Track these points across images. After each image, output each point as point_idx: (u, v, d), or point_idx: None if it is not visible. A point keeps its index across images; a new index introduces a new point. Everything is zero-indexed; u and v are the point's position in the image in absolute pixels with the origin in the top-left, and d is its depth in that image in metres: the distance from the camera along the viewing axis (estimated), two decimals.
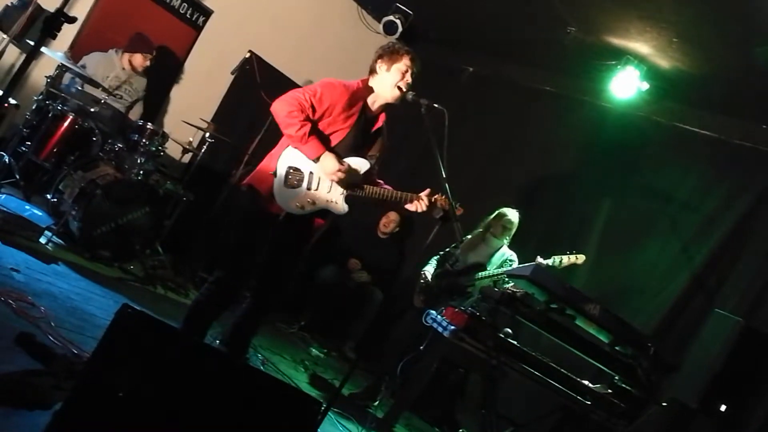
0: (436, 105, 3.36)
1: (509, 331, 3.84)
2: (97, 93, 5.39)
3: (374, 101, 3.56)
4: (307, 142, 3.33)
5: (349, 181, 3.49)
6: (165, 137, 5.35)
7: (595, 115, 6.24)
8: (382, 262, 6.53)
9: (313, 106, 3.36)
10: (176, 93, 6.90)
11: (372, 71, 3.55)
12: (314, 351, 5.80)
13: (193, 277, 5.58)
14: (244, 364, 2.50)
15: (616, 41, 5.47)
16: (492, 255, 5.08)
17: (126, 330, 2.14)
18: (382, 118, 3.65)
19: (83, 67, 5.57)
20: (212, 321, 3.62)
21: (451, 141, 3.22)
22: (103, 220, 4.77)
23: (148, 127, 5.23)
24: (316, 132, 3.39)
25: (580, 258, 4.69)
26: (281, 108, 3.32)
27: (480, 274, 4.93)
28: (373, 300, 6.20)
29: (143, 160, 5.15)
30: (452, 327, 3.66)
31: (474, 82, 7.41)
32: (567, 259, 4.66)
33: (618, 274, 5.53)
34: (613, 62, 5.65)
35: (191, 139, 5.85)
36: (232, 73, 6.10)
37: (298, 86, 7.18)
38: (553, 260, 4.66)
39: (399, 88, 3.47)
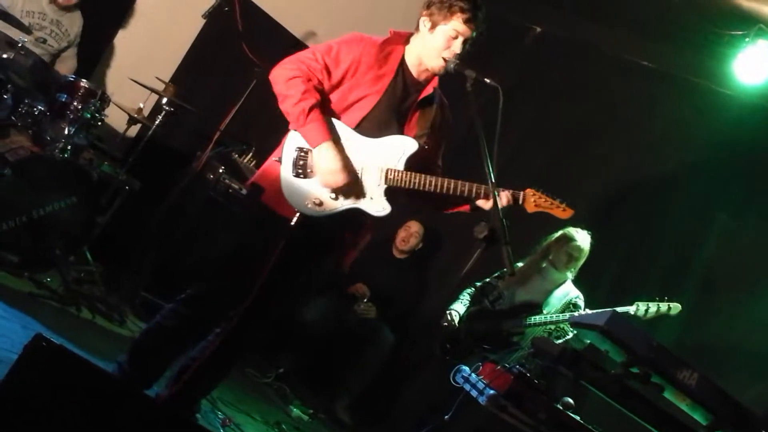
0: (487, 79, 3.38)
1: (570, 401, 3.85)
2: (13, 33, 5.43)
3: (417, 65, 3.58)
4: (307, 121, 3.33)
5: (354, 190, 3.47)
6: (105, 101, 5.39)
7: (710, 105, 6.23)
8: (397, 292, 6.55)
9: (327, 68, 3.39)
10: (123, 40, 6.94)
11: (416, 28, 3.59)
12: (295, 410, 5.82)
13: (133, 297, 5.61)
14: (196, 425, 2.53)
15: (746, 3, 5.48)
16: (550, 293, 5.10)
17: (38, 370, 2.19)
18: (433, 85, 3.64)
19: None
20: (173, 360, 3.66)
21: (505, 129, 3.25)
22: (11, 211, 4.81)
23: (81, 84, 5.28)
24: (323, 108, 3.40)
25: (675, 307, 4.69)
26: (280, 73, 3.37)
27: (533, 318, 4.95)
28: (381, 343, 6.23)
29: (72, 130, 5.20)
30: (491, 391, 3.66)
31: (541, 46, 7.44)
32: (656, 308, 4.66)
33: (725, 329, 5.52)
34: (740, 33, 5.66)
35: (141, 106, 5.90)
36: (204, 17, 6.13)
37: (296, 38, 7.39)
38: (637, 307, 4.66)
39: (443, 58, 3.48)
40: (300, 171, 3.43)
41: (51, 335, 2.24)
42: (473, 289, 5.35)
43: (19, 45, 5.28)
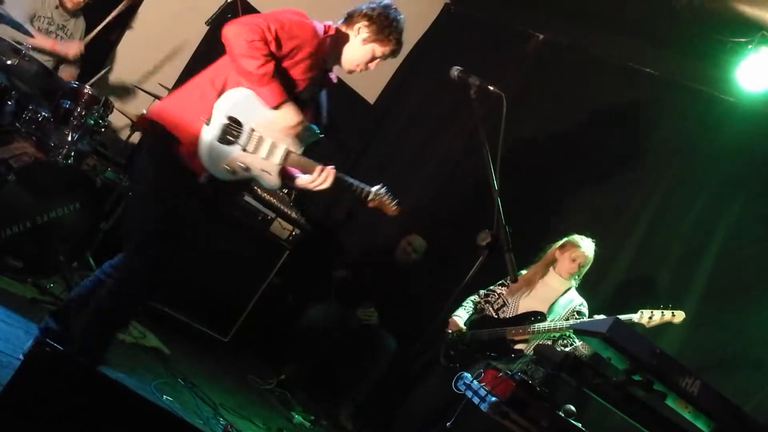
0: (491, 87, 3.41)
1: (572, 408, 3.85)
2: (18, 40, 5.45)
3: (335, 58, 3.88)
4: (269, 82, 3.53)
5: (307, 143, 3.79)
6: (108, 107, 5.42)
7: (712, 112, 6.23)
8: (400, 298, 6.56)
9: (278, 40, 3.55)
10: (126, 46, 6.97)
11: (349, 22, 3.85)
12: (297, 417, 5.83)
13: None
14: (195, 429, 2.53)
15: (749, 10, 5.47)
16: (554, 300, 5.11)
17: (41, 375, 2.20)
18: (332, 78, 3.99)
19: (1, 2, 5.65)
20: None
21: (508, 137, 3.26)
22: (14, 216, 4.82)
23: (85, 91, 5.30)
24: (278, 73, 3.59)
25: (678, 315, 4.68)
26: (240, 33, 3.48)
27: (536, 326, 4.96)
28: (384, 349, 6.24)
29: (76, 136, 5.22)
30: (493, 398, 3.67)
31: (544, 54, 7.45)
32: (659, 316, 4.66)
33: (728, 336, 5.50)
34: (743, 40, 5.66)
35: (145, 112, 5.91)
36: (207, 24, 6.16)
37: None
38: (641, 314, 4.66)
39: (358, 69, 3.88)
40: (224, 138, 3.62)
41: (54, 341, 2.25)
42: (477, 296, 5.36)
43: (23, 52, 5.31)
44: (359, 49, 3.82)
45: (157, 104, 3.88)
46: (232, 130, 3.63)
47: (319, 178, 3.79)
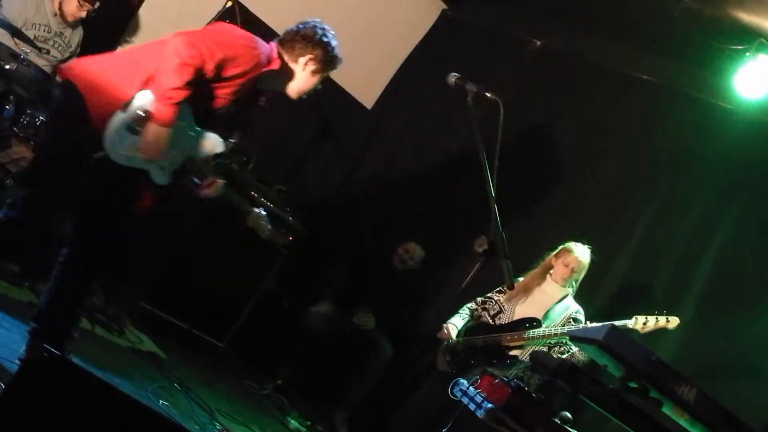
0: (488, 93, 3.43)
1: (568, 415, 3.86)
2: (16, 44, 5.46)
3: (271, 84, 3.99)
4: (169, 106, 3.57)
5: (163, 163, 3.81)
6: None
7: (709, 119, 6.24)
8: (397, 304, 6.57)
9: (220, 66, 3.64)
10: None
11: (291, 53, 3.93)
12: (293, 422, 5.84)
13: (132, 307, 5.64)
14: None
15: (747, 18, 5.49)
16: (550, 307, 5.12)
17: (40, 381, 2.21)
18: (262, 98, 4.10)
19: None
20: None
21: (506, 144, 3.27)
22: None
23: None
24: (198, 94, 3.66)
25: (673, 321, 4.70)
26: (181, 50, 3.54)
27: (532, 332, 4.97)
28: (380, 354, 6.24)
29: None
30: (489, 404, 3.67)
31: (541, 60, 7.47)
32: (654, 321, 4.67)
33: (724, 344, 5.51)
34: (741, 47, 5.67)
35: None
36: None
37: None
38: (635, 321, 4.68)
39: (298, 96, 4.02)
40: (131, 128, 3.64)
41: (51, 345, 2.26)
42: (474, 303, 5.37)
43: (22, 57, 5.32)
44: (309, 80, 3.99)
45: (80, 63, 3.86)
46: (141, 122, 3.64)
47: (206, 189, 3.96)
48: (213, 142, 3.90)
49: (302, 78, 3.96)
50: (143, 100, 3.65)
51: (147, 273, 5.99)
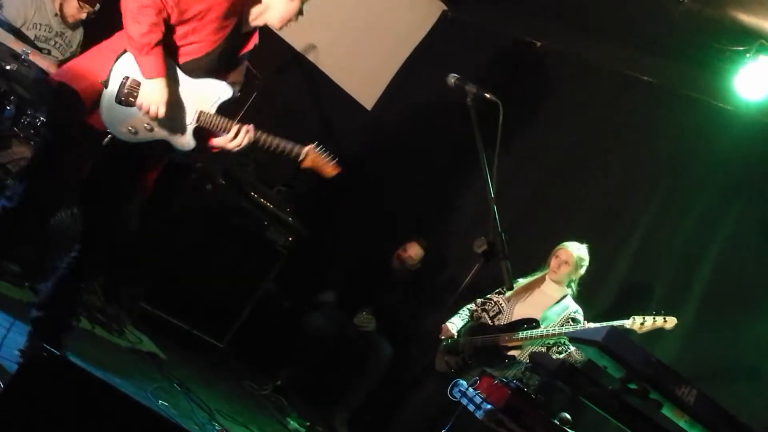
0: (488, 95, 3.43)
1: (567, 416, 3.86)
2: (17, 45, 5.47)
3: (255, 18, 3.80)
4: (148, 54, 3.47)
5: (168, 124, 3.69)
6: None
7: (710, 120, 6.25)
8: (397, 305, 6.57)
9: (179, 5, 3.50)
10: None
11: None
12: (292, 423, 5.84)
13: (132, 307, 5.64)
14: None
15: (747, 19, 5.49)
16: (549, 307, 5.13)
17: (39, 380, 2.21)
18: (254, 39, 3.91)
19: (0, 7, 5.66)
20: None
21: (506, 146, 3.28)
22: None
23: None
24: (165, 43, 3.54)
25: (670, 321, 4.71)
26: None
27: (530, 332, 4.97)
28: (379, 355, 6.25)
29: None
30: (488, 405, 3.68)
31: (542, 61, 7.48)
32: (651, 321, 4.69)
33: (724, 346, 5.52)
34: (741, 48, 5.68)
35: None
36: None
37: (296, 50, 7.43)
38: (633, 321, 4.69)
39: (289, 23, 3.83)
40: (123, 99, 3.58)
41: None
42: (474, 304, 5.38)
43: (22, 57, 5.32)
44: (287, 4, 3.76)
45: (63, 66, 3.83)
46: (131, 91, 3.58)
47: (237, 138, 3.73)
48: (218, 88, 3.76)
49: (281, 2, 3.76)
50: (120, 67, 3.59)
51: (147, 274, 5.99)
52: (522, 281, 5.32)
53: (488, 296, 5.32)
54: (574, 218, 6.39)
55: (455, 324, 5.31)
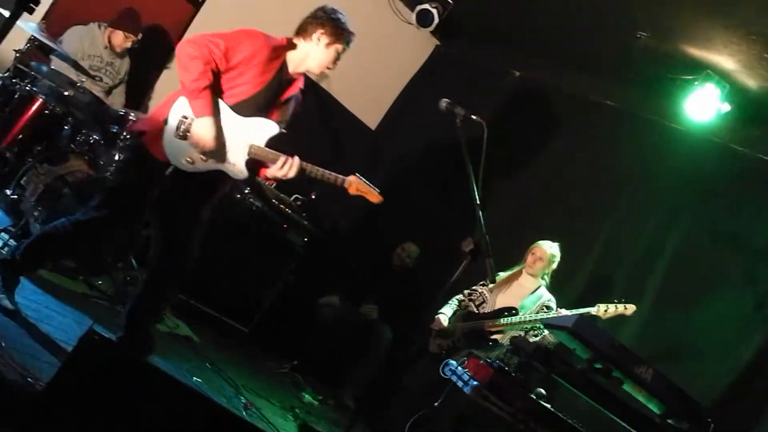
0: (474, 116, 3.43)
1: (542, 391, 3.85)
2: (73, 74, 5.49)
3: (296, 66, 3.82)
4: (198, 97, 3.54)
5: (221, 155, 3.70)
6: None
7: (664, 139, 6.25)
8: (395, 298, 6.57)
9: (226, 56, 3.57)
10: (166, 79, 6.98)
11: (304, 34, 3.79)
12: (307, 397, 5.83)
13: (171, 298, 5.63)
14: (223, 409, 2.54)
15: (696, 52, 5.50)
16: (526, 297, 5.13)
17: (90, 360, 2.21)
18: (299, 83, 3.91)
19: (60, 43, 5.68)
20: (56, 256, 4.03)
21: (489, 160, 3.28)
22: None
23: (130, 117, 5.32)
24: (213, 89, 3.59)
25: (630, 308, 4.71)
26: (186, 50, 3.52)
27: (510, 319, 4.97)
28: (381, 340, 6.24)
29: (122, 156, 5.23)
30: (474, 382, 3.67)
31: (519, 88, 7.47)
32: (614, 309, 4.69)
33: (677, 331, 5.52)
34: (690, 77, 5.68)
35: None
36: None
37: (313, 81, 7.44)
38: (598, 308, 4.69)
39: (327, 69, 3.84)
40: (180, 134, 3.63)
41: (101, 330, 2.26)
42: (462, 295, 5.37)
43: (78, 84, 5.34)
44: (325, 53, 3.78)
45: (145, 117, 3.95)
46: (188, 127, 3.62)
47: (284, 167, 3.70)
48: (266, 125, 3.76)
49: (319, 52, 3.78)
50: (177, 108, 3.65)
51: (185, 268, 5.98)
52: (503, 275, 5.32)
53: (474, 288, 5.32)
54: (548, 221, 6.39)
55: (446, 313, 5.30)
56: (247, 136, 3.74)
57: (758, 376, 5.14)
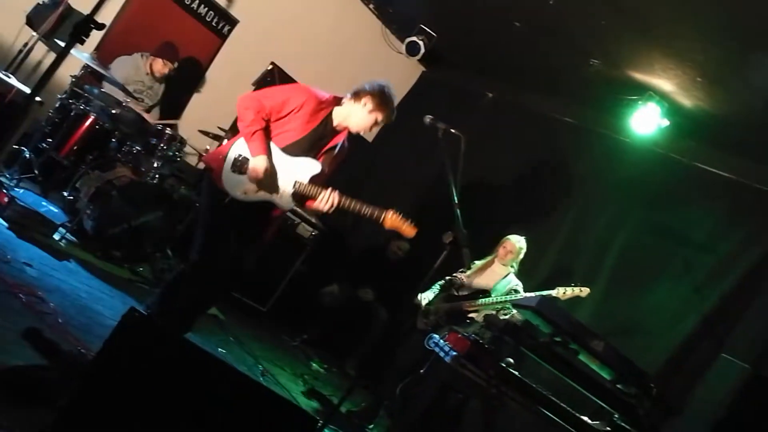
0: (453, 130, 3.44)
1: (511, 360, 3.85)
2: (120, 95, 5.51)
3: (341, 120, 3.78)
4: (252, 139, 3.59)
5: (272, 188, 3.69)
6: (183, 143, 5.45)
7: (614, 150, 6.26)
8: (389, 283, 6.57)
9: (279, 106, 3.61)
10: (197, 100, 7.01)
11: (356, 97, 3.75)
12: (315, 366, 5.84)
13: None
14: (243, 375, 2.54)
15: (639, 76, 5.52)
16: (497, 282, 5.12)
17: (131, 334, 2.21)
18: (343, 135, 3.85)
19: (109, 69, 5.68)
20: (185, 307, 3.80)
21: (466, 167, 3.29)
22: (116, 220, 4.86)
23: (166, 132, 5.34)
24: (266, 133, 3.63)
25: (584, 291, 4.71)
26: (242, 102, 3.61)
27: (483, 300, 4.97)
28: (378, 318, 6.24)
29: (160, 164, 5.25)
30: (454, 353, 3.67)
31: (493, 108, 7.48)
32: (570, 291, 4.69)
33: (626, 311, 5.53)
34: (635, 97, 5.69)
35: (208, 147, 5.94)
36: (253, 84, 6.21)
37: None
38: (557, 291, 4.69)
39: (363, 132, 3.79)
40: (236, 169, 3.65)
41: (143, 308, 2.27)
42: (443, 280, 5.37)
43: (124, 104, 5.36)
44: (365, 117, 3.72)
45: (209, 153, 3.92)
46: (242, 164, 3.64)
47: (325, 202, 3.64)
48: (310, 164, 3.71)
49: (360, 113, 3.71)
50: (235, 147, 3.68)
51: None
52: (478, 263, 5.31)
53: (454, 274, 5.31)
54: (516, 218, 6.38)
55: (428, 296, 5.30)
56: (293, 172, 3.70)
57: (693, 350, 5.16)
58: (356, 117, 3.74)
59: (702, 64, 4.88)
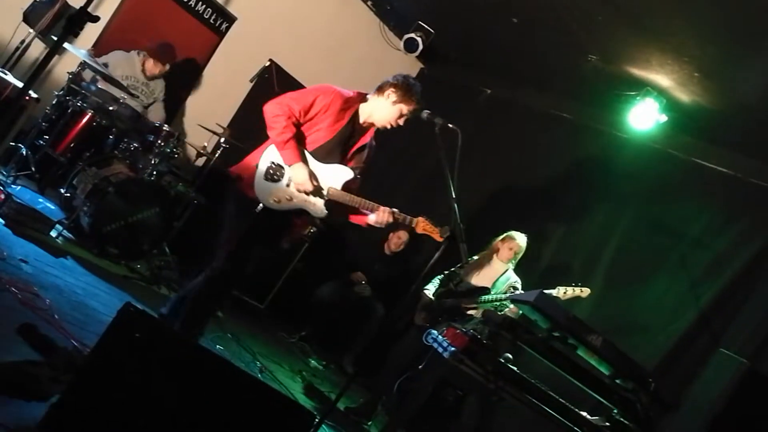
0: (450, 125, 3.42)
1: (509, 356, 3.84)
2: (117, 92, 5.48)
3: (366, 117, 3.72)
4: (285, 147, 3.51)
5: (308, 196, 3.62)
6: (180, 140, 5.42)
7: (612, 145, 6.25)
8: (386, 278, 6.54)
9: (305, 110, 3.54)
10: (194, 97, 6.98)
11: (379, 91, 3.70)
12: (313, 362, 5.82)
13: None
14: (242, 372, 2.53)
15: (637, 72, 5.50)
16: (497, 279, 5.10)
17: (127, 328, 2.19)
18: (370, 134, 3.80)
19: (105, 65, 5.66)
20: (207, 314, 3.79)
21: (463, 162, 3.26)
22: (113, 217, 4.83)
23: (164, 128, 5.31)
24: (297, 138, 3.55)
25: (585, 291, 4.69)
26: (270, 110, 3.52)
27: (483, 297, 4.95)
28: (375, 314, 6.22)
29: (157, 160, 5.22)
30: (452, 348, 3.65)
31: (491, 104, 7.46)
32: (572, 291, 4.66)
33: (623, 308, 5.51)
34: (633, 93, 5.67)
35: (206, 144, 5.92)
36: (251, 81, 6.17)
37: None
38: (557, 291, 4.66)
39: (390, 125, 3.70)
40: (269, 177, 3.59)
41: (139, 305, 2.25)
42: (442, 275, 5.36)
43: (121, 100, 5.33)
44: (390, 109, 3.66)
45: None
46: (274, 171, 3.58)
47: (381, 218, 3.65)
48: (342, 171, 3.67)
49: (386, 107, 3.67)
50: (266, 155, 3.61)
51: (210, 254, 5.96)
52: (475, 258, 5.29)
53: (452, 269, 5.30)
54: (515, 215, 6.36)
55: (429, 290, 5.28)
56: (325, 179, 3.64)
57: (691, 345, 5.15)
58: (381, 110, 3.69)
59: (698, 59, 4.87)
